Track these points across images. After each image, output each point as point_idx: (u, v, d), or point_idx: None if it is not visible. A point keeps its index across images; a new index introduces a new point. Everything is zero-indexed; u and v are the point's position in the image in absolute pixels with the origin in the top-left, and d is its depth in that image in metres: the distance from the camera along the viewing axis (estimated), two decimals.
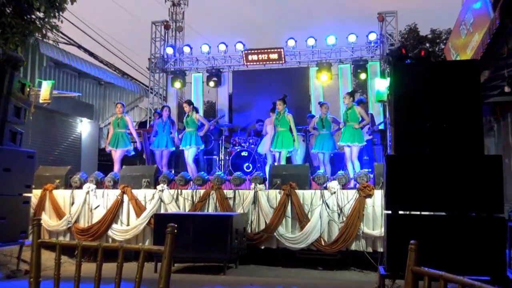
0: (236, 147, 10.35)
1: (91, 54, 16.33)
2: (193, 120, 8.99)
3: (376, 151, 9.94)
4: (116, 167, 8.83)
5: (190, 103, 9.28)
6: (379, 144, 10.07)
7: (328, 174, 8.17)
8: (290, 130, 8.68)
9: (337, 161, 9.56)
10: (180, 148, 9.15)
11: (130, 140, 9.16)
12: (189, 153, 8.94)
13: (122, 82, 16.54)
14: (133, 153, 9.26)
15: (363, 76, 12.29)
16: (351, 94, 8.78)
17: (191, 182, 7.79)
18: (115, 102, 16.23)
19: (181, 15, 17.93)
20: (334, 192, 6.76)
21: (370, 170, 8.22)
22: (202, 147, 9.24)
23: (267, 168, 8.58)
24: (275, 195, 7.04)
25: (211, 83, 13.29)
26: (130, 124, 9.05)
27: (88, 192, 7.77)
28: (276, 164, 8.41)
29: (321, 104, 9.11)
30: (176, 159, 10.13)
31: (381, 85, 8.93)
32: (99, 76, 15.14)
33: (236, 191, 7.25)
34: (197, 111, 9.41)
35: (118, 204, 7.57)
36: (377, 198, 6.56)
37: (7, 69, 6.13)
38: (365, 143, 8.49)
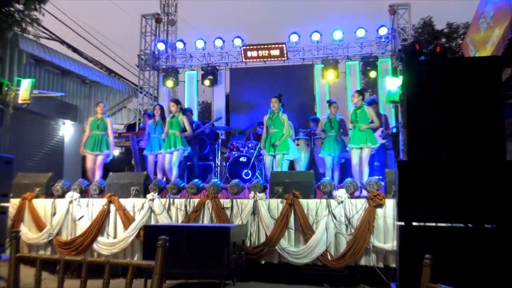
0: (233, 152, 10.34)
1: (75, 50, 16.37)
2: (178, 122, 8.91)
3: (388, 156, 9.92)
4: (98, 173, 8.78)
5: (178, 102, 9.25)
6: (391, 149, 10.06)
7: (335, 181, 8.15)
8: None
9: (349, 167, 9.54)
10: (162, 152, 8.98)
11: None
12: (173, 157, 8.82)
13: (109, 81, 16.57)
14: (111, 157, 9.18)
15: (373, 74, 12.31)
16: (361, 92, 8.73)
17: (185, 191, 7.78)
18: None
19: (173, 8, 18.01)
20: (342, 202, 6.75)
21: (381, 177, 8.21)
22: (189, 150, 9.12)
23: None
24: (277, 204, 7.03)
25: (207, 82, 13.31)
26: (109, 128, 8.97)
27: (71, 202, 7.76)
28: (277, 170, 8.39)
29: (330, 103, 9.06)
30: None
31: (392, 84, 8.93)
32: (83, 74, 15.18)
33: (234, 200, 7.24)
34: (184, 113, 9.34)
35: (104, 215, 7.56)
36: (389, 208, 6.55)
37: None
38: (378, 144, 8.41)
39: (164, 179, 8.87)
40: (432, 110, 4.43)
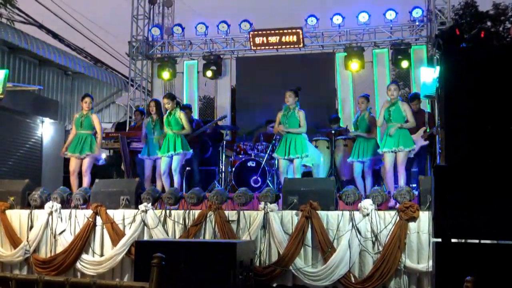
0: (240, 156, 10.35)
1: (55, 36, 16.51)
2: (176, 120, 8.89)
3: (430, 161, 9.80)
4: (86, 181, 8.83)
5: (172, 97, 9.23)
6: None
7: (367, 190, 8.13)
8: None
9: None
10: (159, 156, 8.97)
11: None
12: (174, 162, 8.83)
13: (95, 72, 16.65)
14: (103, 162, 9.23)
15: (405, 64, 12.26)
16: (398, 85, 8.72)
17: (183, 201, 7.80)
18: None
19: None
20: (368, 214, 6.75)
21: (415, 185, 8.17)
22: (190, 151, 9.02)
23: None
24: (291, 217, 7.03)
25: (209, 73, 13.32)
26: (97, 125, 8.97)
27: (51, 213, 7.81)
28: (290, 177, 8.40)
29: (359, 98, 9.17)
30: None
31: (428, 75, 8.89)
32: (65, 64, 15.25)
33: (241, 212, 7.25)
34: (181, 108, 9.32)
35: (90, 229, 7.59)
36: (424, 221, 6.53)
37: None
38: (414, 146, 8.35)
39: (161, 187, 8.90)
40: (474, 106, 4.42)
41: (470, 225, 4.21)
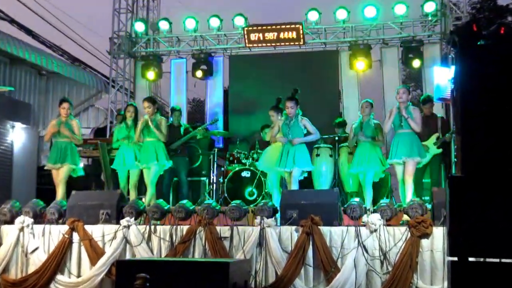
0: (234, 165, 10.34)
1: (28, 32, 16.45)
2: (158, 126, 8.91)
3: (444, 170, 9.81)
4: (60, 192, 8.82)
5: (153, 101, 9.34)
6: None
7: (367, 203, 8.14)
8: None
9: (385, 185, 9.52)
10: (140, 166, 9.00)
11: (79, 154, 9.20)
12: (151, 173, 8.87)
13: (73, 72, 16.60)
14: (82, 173, 9.24)
15: (416, 63, 12.30)
16: (409, 89, 8.71)
17: (170, 215, 7.78)
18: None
19: None
20: (375, 230, 6.74)
21: (427, 198, 8.18)
22: (170, 162, 9.07)
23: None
24: (290, 233, 7.03)
25: (199, 73, 13.33)
26: (76, 131, 9.03)
27: (22, 229, 7.77)
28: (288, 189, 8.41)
29: (363, 102, 9.12)
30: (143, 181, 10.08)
31: (442, 76, 8.93)
32: (39, 63, 15.20)
33: (234, 228, 7.24)
34: (161, 114, 9.37)
35: (65, 246, 7.56)
36: (437, 238, 6.54)
37: None
38: (425, 157, 8.38)
39: (144, 200, 8.89)
40: (494, 109, 4.43)
41: (490, 242, 4.21)
